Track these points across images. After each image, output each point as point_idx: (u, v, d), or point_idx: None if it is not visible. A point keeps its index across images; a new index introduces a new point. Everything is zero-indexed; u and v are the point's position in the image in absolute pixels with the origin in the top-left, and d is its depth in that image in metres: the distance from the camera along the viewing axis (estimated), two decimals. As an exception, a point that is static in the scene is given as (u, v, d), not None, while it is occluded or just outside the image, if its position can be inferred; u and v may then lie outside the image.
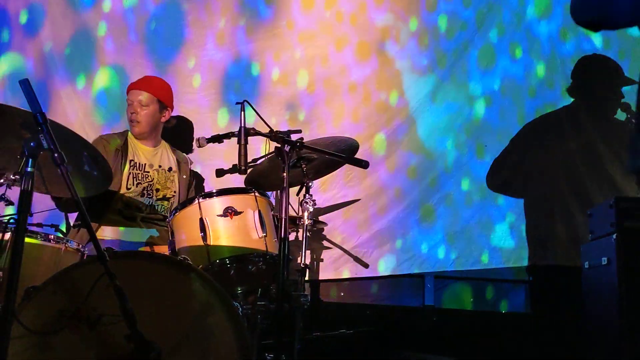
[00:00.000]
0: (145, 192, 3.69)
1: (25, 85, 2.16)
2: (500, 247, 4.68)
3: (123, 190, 3.62)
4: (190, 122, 4.38)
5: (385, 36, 4.70)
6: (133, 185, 3.66)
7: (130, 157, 3.70)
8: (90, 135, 3.88)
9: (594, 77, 4.60)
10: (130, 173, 3.67)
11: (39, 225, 2.93)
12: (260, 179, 3.26)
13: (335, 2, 4.67)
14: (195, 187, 3.91)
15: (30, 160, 2.16)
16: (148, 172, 3.73)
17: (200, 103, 4.48)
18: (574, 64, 4.67)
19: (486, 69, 4.81)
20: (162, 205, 3.73)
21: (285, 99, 4.57)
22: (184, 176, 3.82)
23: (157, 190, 3.72)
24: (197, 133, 4.23)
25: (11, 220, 2.58)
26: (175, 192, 3.77)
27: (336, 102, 4.62)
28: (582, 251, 3.60)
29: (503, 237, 4.68)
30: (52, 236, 2.81)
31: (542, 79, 4.86)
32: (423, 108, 4.68)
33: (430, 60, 4.74)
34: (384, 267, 4.57)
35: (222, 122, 4.47)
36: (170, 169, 3.80)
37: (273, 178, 3.18)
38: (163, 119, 3.80)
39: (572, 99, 4.65)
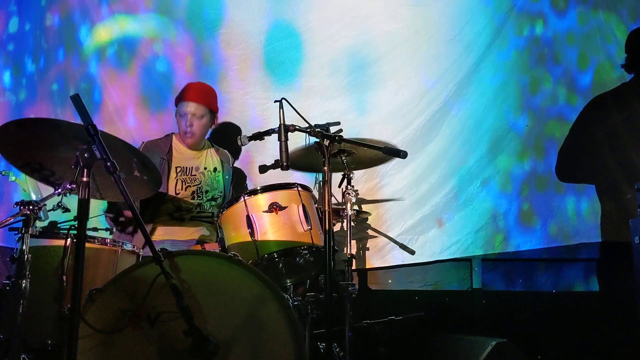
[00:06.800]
0: (195, 195, 3.78)
1: (76, 99, 2.27)
2: (547, 227, 4.63)
3: (172, 195, 3.72)
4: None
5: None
6: (182, 190, 3.75)
7: (176, 163, 3.78)
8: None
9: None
10: (177, 179, 3.75)
11: (95, 229, 3.06)
12: (302, 163, 3.34)
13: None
14: (235, 185, 3.98)
15: (86, 170, 2.28)
16: (195, 175, 3.81)
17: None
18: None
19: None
20: (211, 204, 3.83)
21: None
22: (227, 176, 3.90)
23: (207, 192, 3.82)
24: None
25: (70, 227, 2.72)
26: (221, 192, 3.87)
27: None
28: (631, 226, 3.54)
29: (550, 217, 4.63)
30: (109, 239, 2.95)
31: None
32: (460, 92, 4.66)
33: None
34: (430, 252, 4.58)
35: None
36: (215, 169, 3.89)
37: (317, 161, 3.24)
38: (213, 126, 3.90)
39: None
